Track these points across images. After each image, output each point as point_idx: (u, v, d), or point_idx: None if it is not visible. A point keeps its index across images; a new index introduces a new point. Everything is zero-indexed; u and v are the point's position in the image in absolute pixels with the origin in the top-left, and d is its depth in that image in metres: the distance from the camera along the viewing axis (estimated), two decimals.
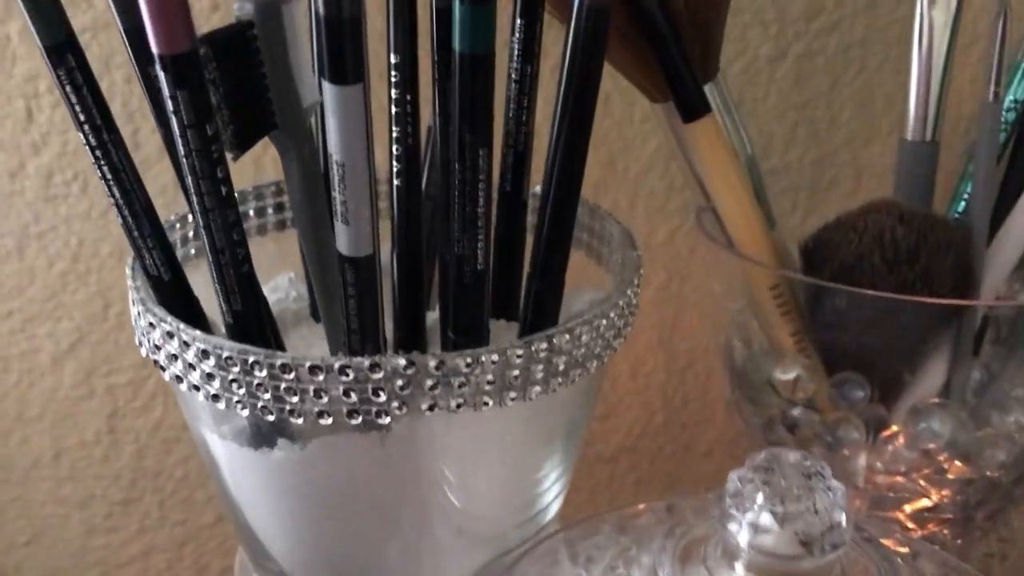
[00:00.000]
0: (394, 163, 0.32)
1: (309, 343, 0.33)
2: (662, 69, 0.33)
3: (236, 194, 0.36)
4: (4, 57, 0.41)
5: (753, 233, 0.35)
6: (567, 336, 0.27)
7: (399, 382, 0.25)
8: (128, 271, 0.30)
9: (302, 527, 0.30)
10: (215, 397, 0.26)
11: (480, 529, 0.31)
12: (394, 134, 0.32)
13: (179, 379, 0.27)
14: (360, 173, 0.23)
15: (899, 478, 0.35)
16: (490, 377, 0.26)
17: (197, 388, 0.27)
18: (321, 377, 0.25)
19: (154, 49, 0.22)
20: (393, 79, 0.31)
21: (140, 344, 0.28)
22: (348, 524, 0.29)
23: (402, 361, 0.25)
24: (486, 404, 0.26)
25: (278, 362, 0.25)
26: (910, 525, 0.36)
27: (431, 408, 0.26)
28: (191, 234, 0.34)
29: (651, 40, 0.33)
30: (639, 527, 0.30)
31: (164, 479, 0.49)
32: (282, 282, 0.37)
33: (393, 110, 0.32)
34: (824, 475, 0.24)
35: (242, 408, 0.26)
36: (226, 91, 0.26)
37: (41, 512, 0.48)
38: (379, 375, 0.25)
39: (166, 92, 0.22)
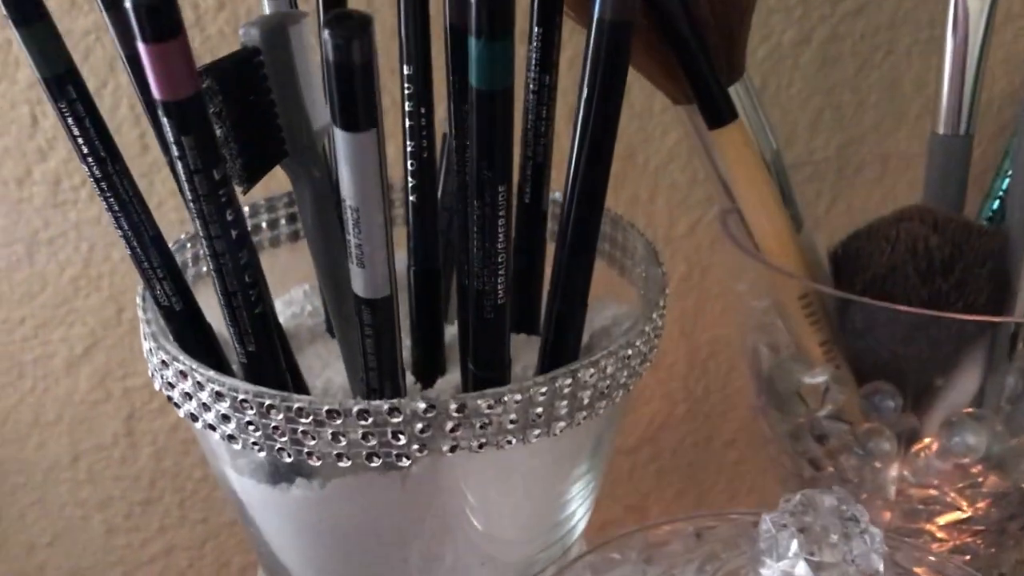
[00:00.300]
0: (409, 179, 0.31)
1: (325, 362, 0.33)
2: (686, 76, 0.32)
3: (248, 207, 0.36)
4: (7, 62, 0.39)
5: (781, 241, 0.33)
6: (592, 370, 0.26)
7: (419, 425, 0.24)
8: (139, 302, 0.29)
9: (322, 560, 0.29)
10: (231, 438, 0.26)
11: (506, 557, 0.30)
12: (409, 148, 0.31)
13: (194, 417, 0.26)
14: (375, 217, 0.22)
15: (932, 491, 0.34)
16: (513, 416, 0.25)
17: (212, 428, 0.26)
18: (339, 421, 0.24)
19: (156, 95, 0.21)
20: (406, 91, 0.30)
21: (153, 378, 0.28)
22: (369, 558, 0.29)
23: (422, 405, 0.24)
24: (509, 443, 0.25)
25: (295, 406, 0.24)
26: (940, 535, 0.35)
27: (452, 449, 0.25)
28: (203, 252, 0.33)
29: (675, 46, 0.31)
30: (666, 556, 0.29)
31: (183, 479, 0.49)
32: (297, 295, 0.36)
33: (407, 123, 0.31)
34: (860, 519, 0.23)
35: (259, 450, 0.25)
36: (233, 123, 0.25)
37: (62, 514, 0.48)
38: (399, 419, 0.24)
39: (170, 138, 0.21)
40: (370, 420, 0.24)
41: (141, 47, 0.20)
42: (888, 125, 0.48)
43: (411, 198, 0.31)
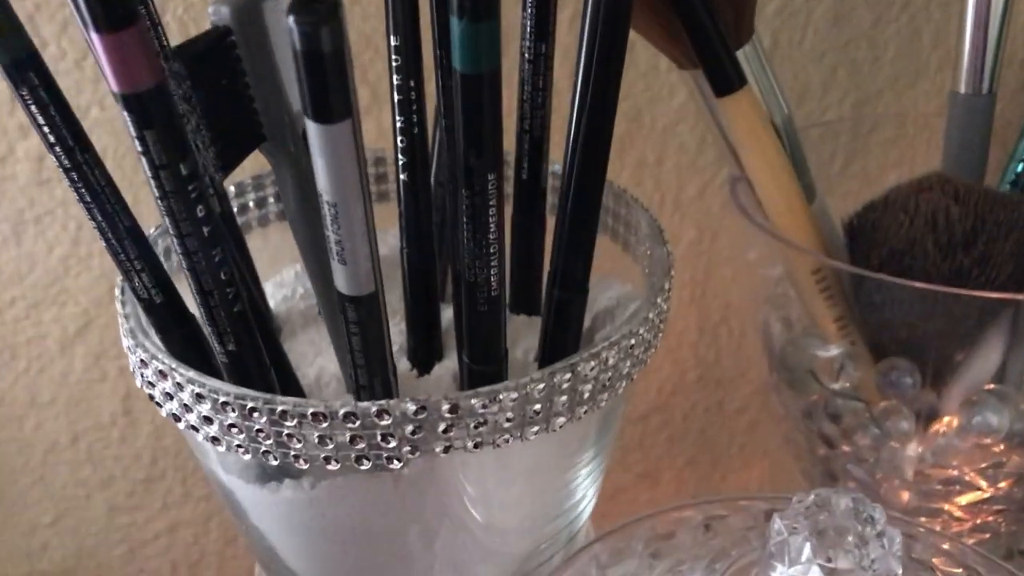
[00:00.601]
0: (399, 156, 0.30)
1: (318, 349, 0.31)
2: (692, 41, 0.30)
3: (234, 186, 0.34)
4: None
5: (794, 214, 0.32)
6: (592, 363, 0.25)
7: (409, 427, 0.23)
8: (117, 295, 0.28)
9: (316, 558, 0.28)
10: (214, 439, 0.24)
11: (510, 549, 0.29)
12: (398, 124, 0.29)
13: (176, 418, 0.25)
14: (355, 212, 0.20)
15: (951, 471, 0.33)
16: (509, 415, 0.24)
17: (196, 429, 0.25)
18: (325, 424, 0.23)
19: (113, 87, 0.19)
20: (394, 63, 0.29)
21: (134, 375, 0.26)
22: (365, 556, 0.28)
23: (411, 407, 0.23)
24: (506, 441, 0.24)
25: (278, 408, 0.23)
26: (959, 514, 0.34)
27: (446, 450, 0.24)
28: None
29: (679, 8, 0.29)
30: (674, 549, 0.28)
31: (185, 457, 0.48)
32: (288, 276, 0.34)
33: (395, 97, 0.29)
34: (878, 521, 0.22)
35: (244, 452, 0.24)
36: (204, 109, 0.23)
37: (63, 494, 0.48)
38: (388, 421, 0.23)
39: (132, 132, 0.20)
40: (358, 423, 0.23)
41: (93, 37, 0.18)
42: (906, 81, 0.46)
43: (402, 176, 0.30)
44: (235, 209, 0.34)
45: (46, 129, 0.24)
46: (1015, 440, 0.32)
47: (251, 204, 0.34)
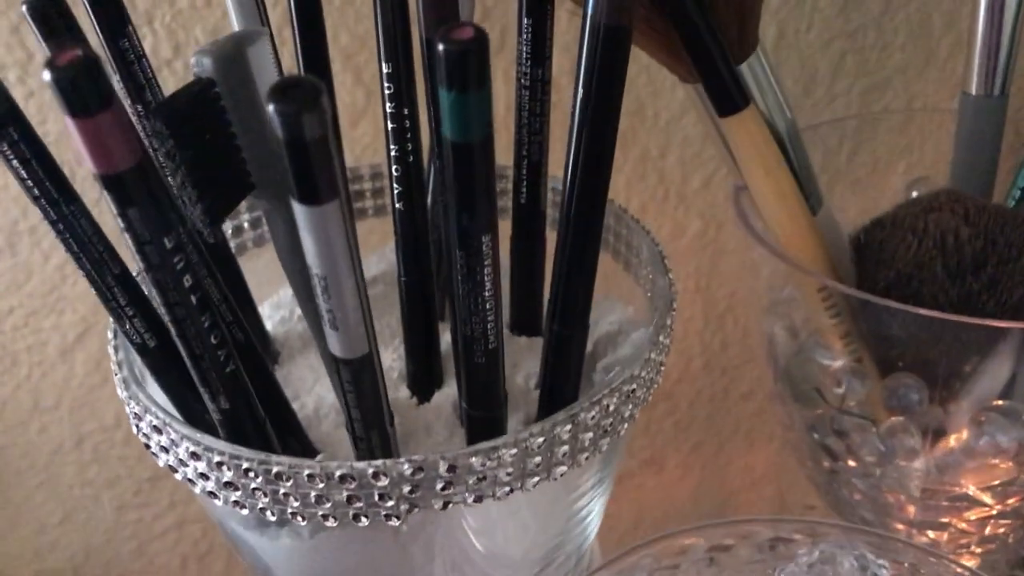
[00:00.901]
0: (394, 185, 0.29)
1: (316, 375, 0.31)
2: (693, 62, 0.29)
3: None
4: None
5: (800, 234, 0.31)
6: (593, 412, 0.24)
7: (407, 487, 0.23)
8: (109, 340, 0.27)
9: None
10: (211, 494, 0.24)
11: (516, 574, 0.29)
12: (392, 153, 0.29)
13: (174, 470, 0.25)
14: (345, 283, 0.20)
15: (958, 488, 0.32)
16: (509, 469, 0.23)
17: (192, 482, 0.24)
18: (322, 484, 0.23)
19: (92, 169, 0.18)
20: (387, 91, 0.28)
21: (132, 425, 0.26)
22: None
23: (408, 468, 0.22)
24: (507, 493, 0.24)
25: (273, 470, 0.23)
26: (965, 527, 0.34)
27: (444, 506, 0.23)
28: None
29: (679, 28, 0.28)
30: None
31: None
32: (285, 297, 0.34)
33: (389, 126, 0.28)
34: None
35: (240, 508, 0.24)
36: (190, 164, 0.22)
37: (70, 494, 0.48)
38: (385, 482, 0.22)
39: (113, 210, 0.19)
40: (355, 483, 0.23)
41: (68, 121, 0.18)
42: (915, 68, 0.45)
43: (397, 205, 0.29)
44: (229, 232, 0.33)
45: (29, 183, 0.23)
46: (1023, 458, 0.31)
47: (246, 225, 0.34)
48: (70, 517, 0.49)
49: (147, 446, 0.26)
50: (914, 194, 0.40)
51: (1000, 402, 0.32)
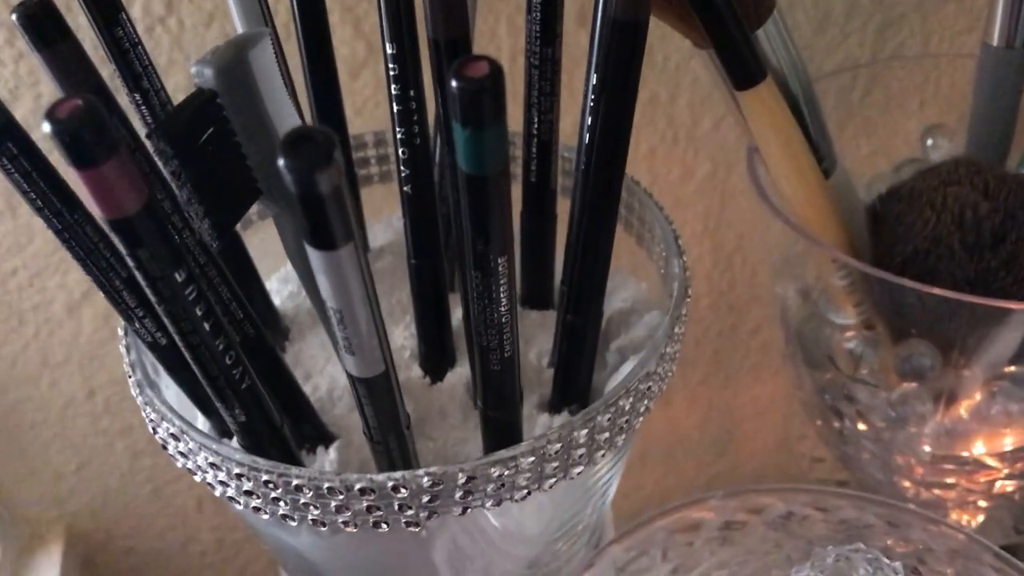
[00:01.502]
0: (402, 168, 0.28)
1: (328, 353, 0.31)
2: (708, 35, 0.28)
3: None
4: None
5: (815, 207, 0.31)
6: (608, 415, 0.24)
7: (426, 497, 0.23)
8: (120, 337, 0.27)
9: None
10: (232, 499, 0.24)
11: (534, 549, 0.30)
12: (399, 135, 0.28)
13: (192, 473, 0.25)
14: (360, 314, 0.20)
15: (968, 453, 0.33)
16: (527, 475, 0.24)
17: (212, 487, 0.25)
18: (342, 496, 0.23)
19: (100, 214, 0.18)
20: (392, 72, 0.27)
21: (150, 429, 0.26)
22: None
23: (427, 481, 0.22)
24: (524, 496, 0.24)
25: (293, 482, 0.23)
26: (973, 488, 0.34)
27: (464, 511, 0.24)
28: None
29: (695, 2, 0.27)
30: (689, 557, 0.28)
31: None
32: (293, 271, 0.34)
33: (395, 108, 0.27)
34: None
35: (262, 513, 0.24)
36: (196, 179, 0.22)
37: (84, 444, 0.48)
38: (404, 494, 0.23)
39: (122, 250, 0.19)
40: (374, 496, 0.23)
41: (73, 172, 0.17)
42: (932, 3, 0.44)
43: (405, 188, 0.29)
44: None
45: (32, 195, 0.23)
46: None
47: None
48: (86, 465, 0.49)
49: (164, 447, 0.26)
50: (929, 143, 0.40)
51: (1012, 368, 0.32)
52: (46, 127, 0.16)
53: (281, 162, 0.16)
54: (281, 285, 0.33)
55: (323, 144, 0.16)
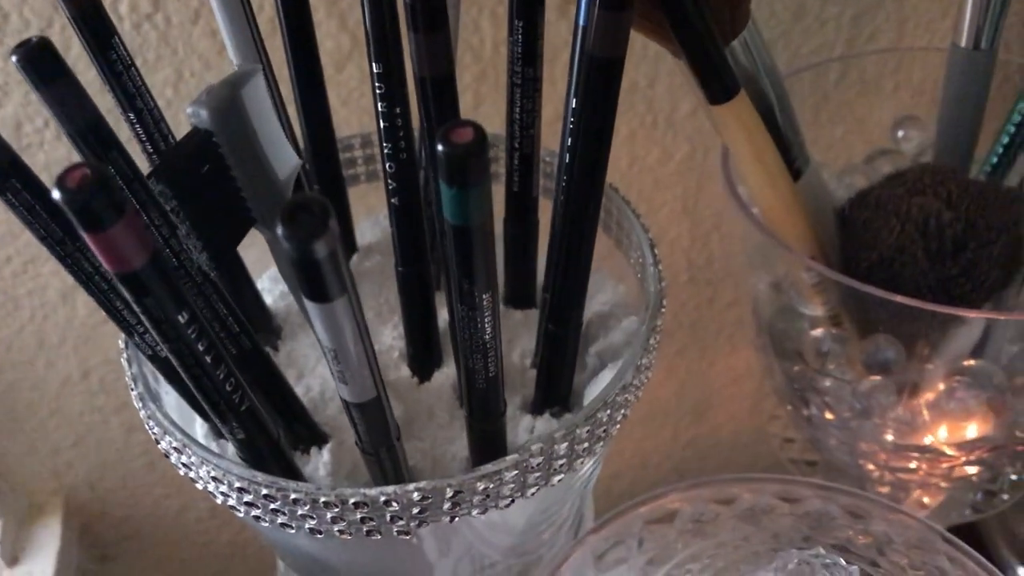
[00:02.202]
0: (389, 181, 0.29)
1: (319, 353, 0.32)
2: (683, 51, 0.29)
3: None
4: None
5: (787, 212, 0.32)
6: (587, 427, 0.26)
7: (415, 509, 0.24)
8: (121, 349, 0.28)
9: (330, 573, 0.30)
10: (232, 507, 0.26)
11: (520, 538, 0.31)
12: (385, 150, 0.29)
13: (195, 481, 0.27)
14: (354, 351, 0.21)
15: (928, 441, 0.34)
16: (511, 485, 0.25)
17: (214, 495, 0.26)
18: (337, 509, 0.24)
19: (107, 267, 0.19)
20: (378, 91, 0.28)
21: (153, 439, 0.27)
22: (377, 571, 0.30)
23: (417, 495, 0.24)
24: (508, 504, 0.26)
25: (291, 496, 0.24)
26: (935, 472, 0.36)
27: (452, 519, 0.25)
28: None
29: (668, 11, 0.28)
30: (662, 547, 0.30)
31: None
32: None
33: (381, 124, 0.28)
34: None
35: (262, 521, 0.26)
36: (194, 219, 0.23)
37: (80, 420, 0.50)
38: (396, 507, 0.24)
39: (128, 297, 0.20)
40: (368, 508, 0.24)
41: (83, 234, 0.18)
42: None
43: (392, 200, 0.30)
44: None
45: (35, 226, 0.24)
46: (990, 417, 0.33)
47: None
48: (82, 440, 0.51)
49: (167, 456, 0.27)
50: (900, 134, 0.41)
51: (971, 362, 0.34)
52: (56, 194, 0.17)
53: (280, 231, 0.17)
54: (272, 284, 0.34)
55: (319, 214, 0.17)
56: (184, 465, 0.26)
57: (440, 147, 0.18)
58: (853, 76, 0.45)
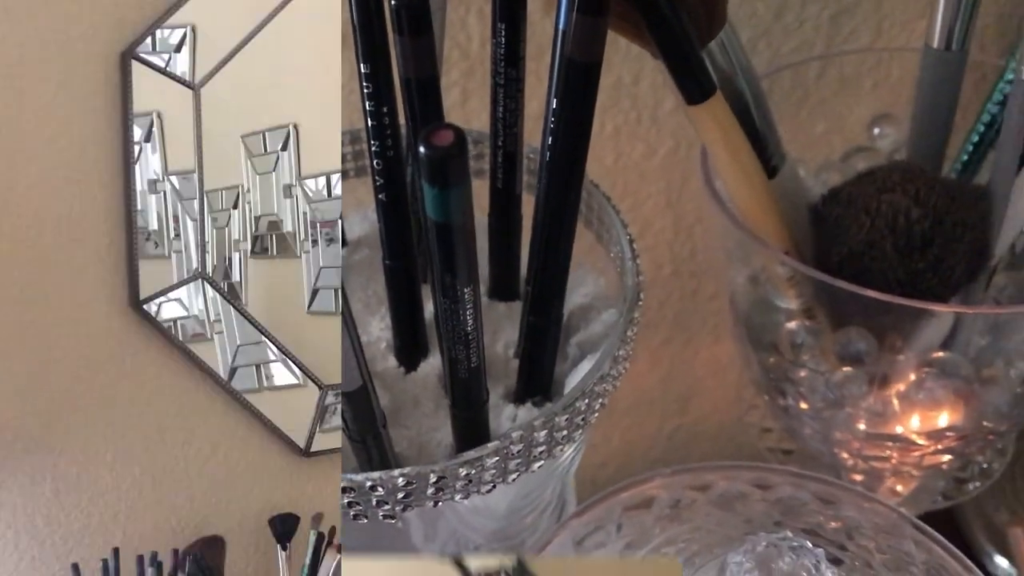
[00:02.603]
0: (376, 178, 0.30)
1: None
2: (661, 53, 0.30)
3: None
4: None
5: (762, 210, 0.33)
6: (566, 416, 0.27)
7: (400, 495, 0.25)
8: None
9: None
10: None
11: (503, 522, 0.33)
12: (373, 148, 0.30)
13: None
14: (347, 361, 0.22)
15: (900, 432, 0.35)
16: (492, 471, 0.26)
17: None
18: None
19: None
20: (365, 91, 0.29)
21: None
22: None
23: (402, 481, 0.25)
24: (490, 489, 0.27)
25: None
26: (906, 460, 0.37)
27: (435, 504, 0.26)
28: None
29: (645, 14, 0.29)
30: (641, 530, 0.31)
31: None
32: None
33: (369, 123, 0.29)
34: (822, 570, 0.25)
35: None
36: None
37: None
38: (381, 492, 0.25)
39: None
40: (355, 493, 0.25)
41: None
42: None
43: (380, 196, 0.31)
44: None
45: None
46: (959, 407, 0.35)
47: None
48: None
49: None
50: (876, 131, 0.42)
51: (940, 354, 0.35)
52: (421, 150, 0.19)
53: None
54: None
55: None
56: None
57: (422, 149, 0.19)
58: (832, 74, 0.46)
